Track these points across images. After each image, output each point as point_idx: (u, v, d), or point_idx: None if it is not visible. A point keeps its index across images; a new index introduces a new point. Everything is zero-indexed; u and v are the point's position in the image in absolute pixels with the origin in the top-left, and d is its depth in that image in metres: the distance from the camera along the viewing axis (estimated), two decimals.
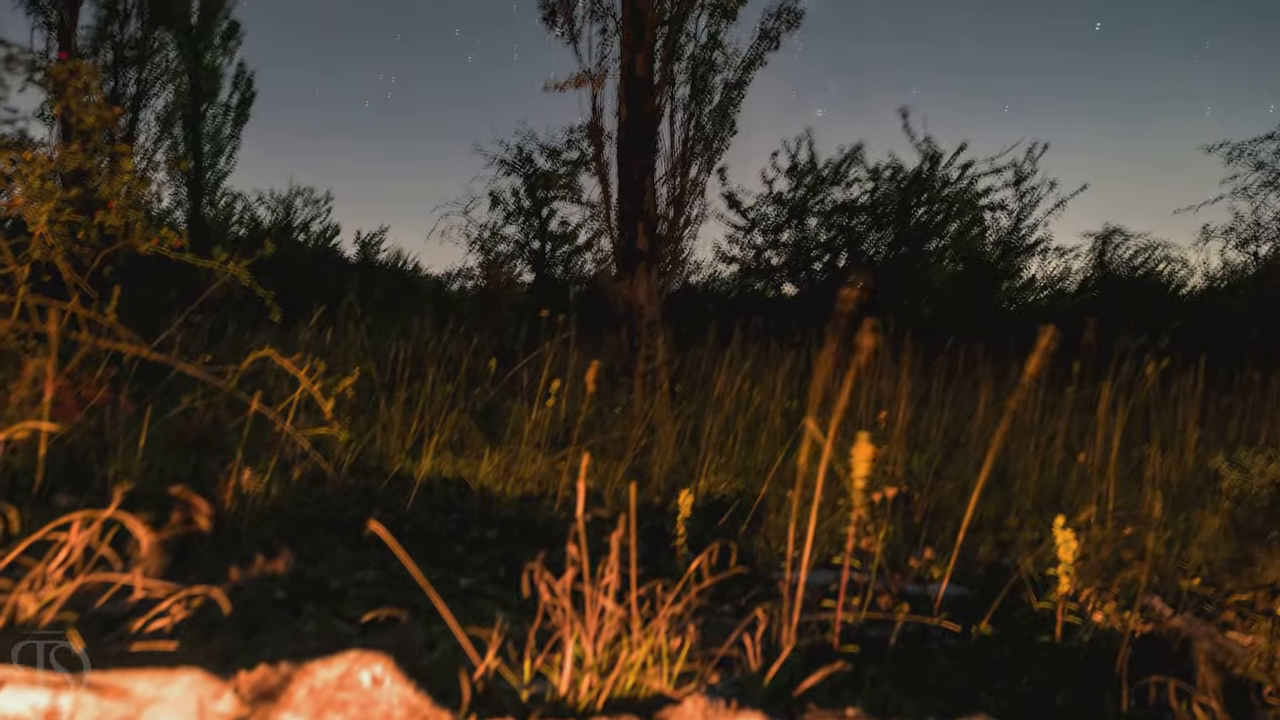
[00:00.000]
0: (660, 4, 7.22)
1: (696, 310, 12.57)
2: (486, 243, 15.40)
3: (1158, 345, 5.71)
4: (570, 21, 7.74)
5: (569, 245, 15.35)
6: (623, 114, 7.46)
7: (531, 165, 14.77)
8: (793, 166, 12.65)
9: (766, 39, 7.58)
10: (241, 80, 13.11)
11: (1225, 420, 5.51)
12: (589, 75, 7.71)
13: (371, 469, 3.99)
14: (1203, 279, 11.98)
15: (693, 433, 5.19)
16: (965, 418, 5.45)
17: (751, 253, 13.35)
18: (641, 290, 7.38)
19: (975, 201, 11.99)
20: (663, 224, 7.80)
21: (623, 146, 7.43)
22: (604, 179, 7.79)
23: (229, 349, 5.94)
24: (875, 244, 12.54)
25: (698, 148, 7.85)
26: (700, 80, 7.64)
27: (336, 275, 14.70)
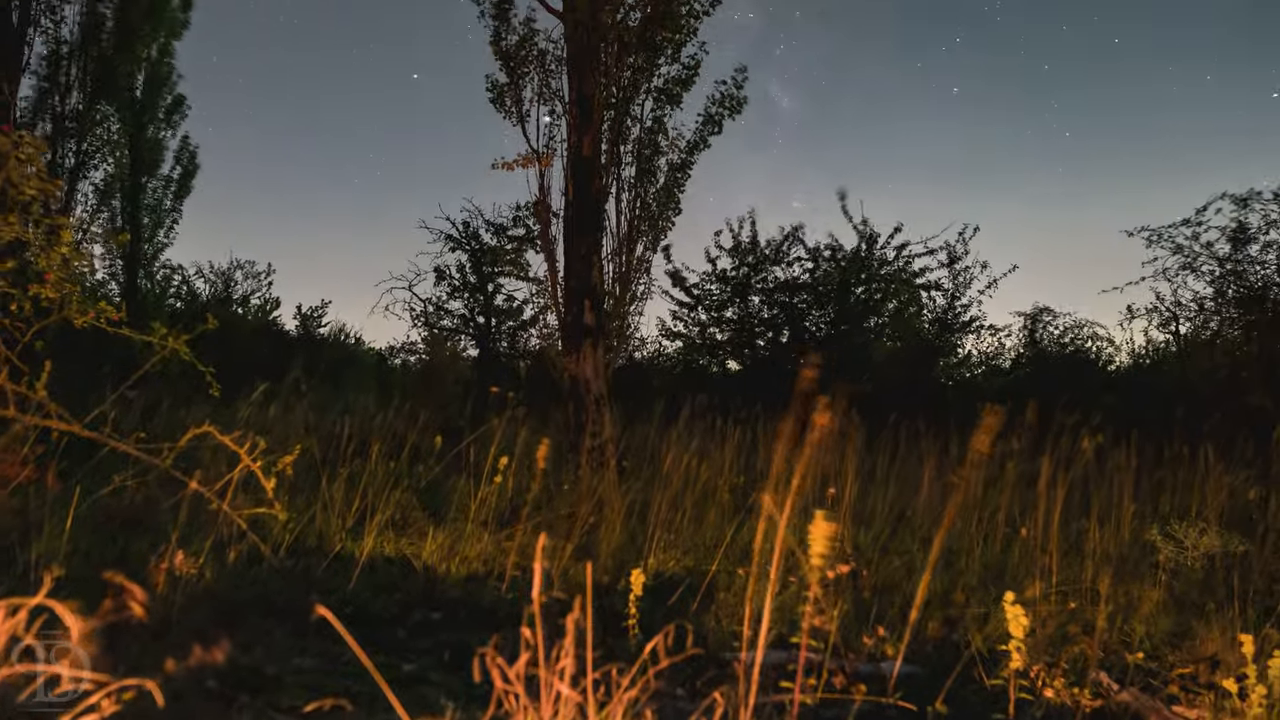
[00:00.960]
0: (607, 89, 7.42)
1: (643, 386, 12.61)
2: (431, 317, 15.32)
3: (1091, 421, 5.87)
4: (519, 104, 7.90)
5: (514, 321, 15.35)
6: (570, 193, 7.57)
7: (478, 241, 14.84)
8: (735, 245, 12.92)
9: (711, 123, 7.81)
10: (185, 153, 13.02)
11: (1158, 493, 5.66)
12: (537, 155, 7.84)
13: (311, 549, 3.87)
14: (1128, 357, 12.46)
15: (641, 509, 5.15)
16: (910, 493, 5.51)
17: (696, 329, 13.50)
18: (588, 366, 7.38)
19: (912, 281, 12.36)
20: (609, 300, 7.87)
21: (570, 225, 7.53)
22: (551, 256, 7.86)
23: (164, 425, 5.76)
24: (816, 321, 12.80)
25: (643, 226, 7.99)
26: (646, 162, 7.82)
27: (276, 349, 14.45)
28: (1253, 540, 4.55)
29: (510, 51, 7.74)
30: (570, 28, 7.27)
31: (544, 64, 7.84)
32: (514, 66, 7.79)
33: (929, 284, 12.35)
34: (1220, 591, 3.83)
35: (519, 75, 7.78)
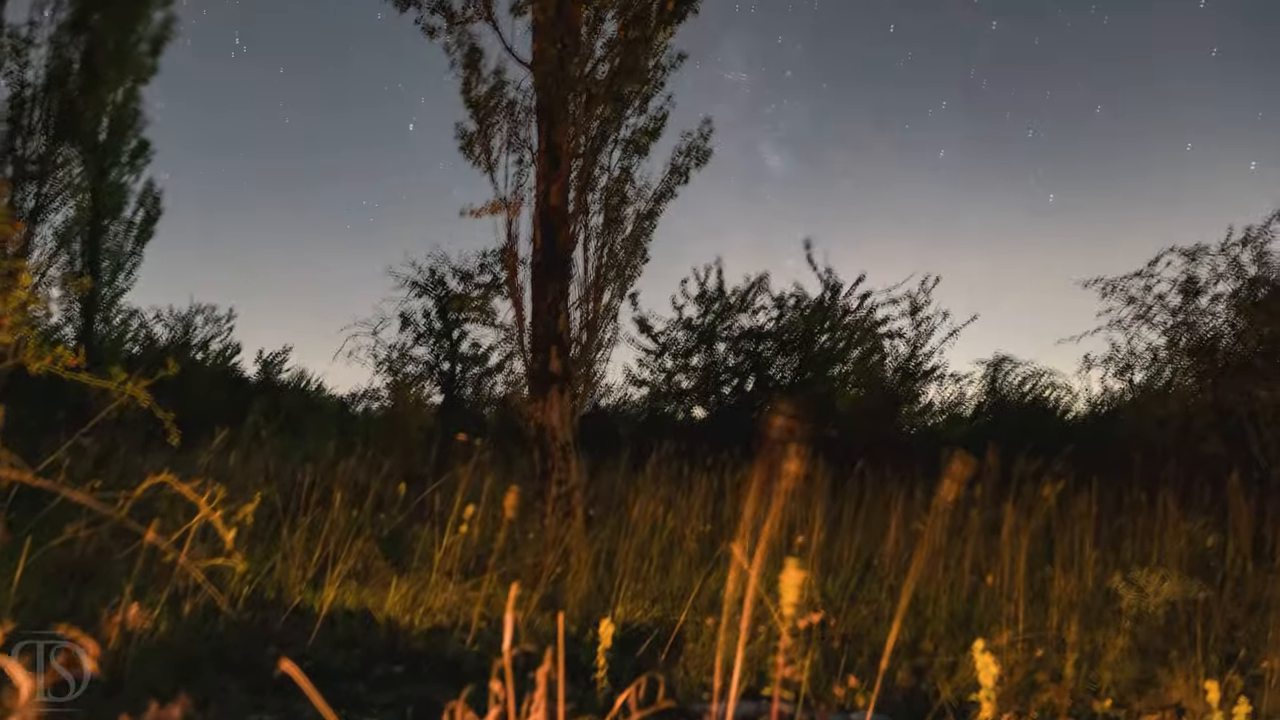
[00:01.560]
0: (575, 138, 7.50)
1: (609, 433, 12.58)
2: (395, 363, 15.21)
3: (1052, 468, 5.95)
4: (487, 151, 7.95)
5: (480, 367, 15.29)
6: (538, 241, 7.60)
7: (444, 288, 14.82)
8: (702, 293, 13.03)
9: (677, 173, 7.91)
10: (148, 197, 12.91)
11: (1119, 540, 5.73)
12: (505, 203, 7.87)
13: (270, 601, 3.77)
14: (1086, 405, 12.69)
15: (607, 558, 5.10)
16: (876, 540, 5.52)
17: (662, 376, 13.53)
18: (555, 413, 7.35)
19: (875, 330, 12.53)
20: (576, 347, 7.87)
21: (537, 272, 7.54)
22: (518, 303, 7.86)
23: (119, 474, 5.61)
24: (781, 369, 12.89)
25: (611, 274, 8.02)
26: (613, 210, 7.88)
27: (236, 395, 14.22)
28: (1212, 587, 4.61)
29: (480, 100, 7.81)
30: (539, 79, 7.36)
31: (513, 113, 7.92)
32: (483, 115, 7.86)
33: (892, 333, 12.52)
34: (1183, 638, 3.86)
35: (488, 124, 7.84)
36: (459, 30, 7.78)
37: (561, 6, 7.10)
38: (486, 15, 7.59)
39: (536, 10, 7.11)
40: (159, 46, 12.24)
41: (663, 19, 7.50)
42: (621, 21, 7.47)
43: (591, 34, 7.53)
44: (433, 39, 7.82)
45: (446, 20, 7.71)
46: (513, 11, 7.73)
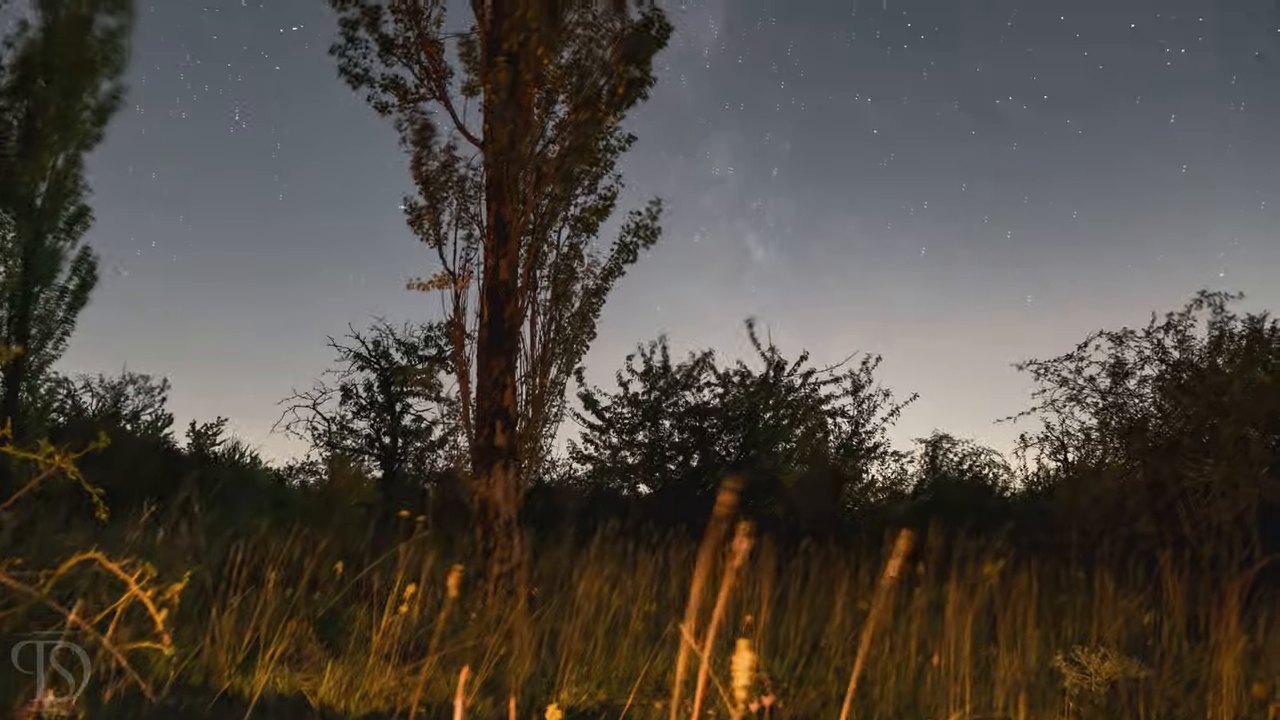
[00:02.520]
0: (524, 215, 7.59)
1: (553, 509, 12.42)
2: (334, 437, 14.90)
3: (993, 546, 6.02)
4: (437, 226, 8.00)
5: (422, 441, 15.05)
6: (485, 315, 7.61)
7: (387, 360, 14.66)
8: (647, 369, 13.10)
9: (626, 251, 8.04)
10: (84, 264, 12.61)
11: (1060, 618, 5.79)
12: (453, 277, 7.89)
13: (197, 686, 3.59)
14: (1023, 483, 12.93)
15: (551, 639, 4.99)
16: (822, 620, 5.49)
17: (607, 452, 13.47)
18: (499, 489, 7.25)
19: (818, 407, 12.69)
20: (521, 422, 7.82)
21: (484, 346, 7.53)
22: (464, 377, 7.82)
23: (39, 550, 5.35)
24: (726, 446, 12.94)
25: (558, 349, 8.05)
26: (561, 286, 7.95)
27: (167, 468, 13.75)
28: (1151, 665, 4.67)
29: (430, 176, 7.89)
30: (490, 157, 7.47)
31: (463, 189, 8.01)
32: (433, 191, 7.93)
33: (834, 411, 12.69)
34: (1125, 717, 3.89)
35: (438, 199, 7.91)
36: (411, 108, 7.90)
37: (514, 88, 7.26)
38: (439, 94, 7.72)
39: (489, 91, 7.25)
40: (105, 116, 12.15)
41: (612, 103, 7.71)
42: (572, 104, 7.66)
43: (543, 115, 7.70)
44: (385, 115, 7.91)
45: (399, 98, 7.83)
46: (465, 91, 7.90)
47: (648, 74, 7.82)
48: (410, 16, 7.64)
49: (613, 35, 7.63)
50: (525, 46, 7.18)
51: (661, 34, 7.74)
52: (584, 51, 7.65)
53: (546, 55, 7.25)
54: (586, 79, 7.67)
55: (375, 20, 7.68)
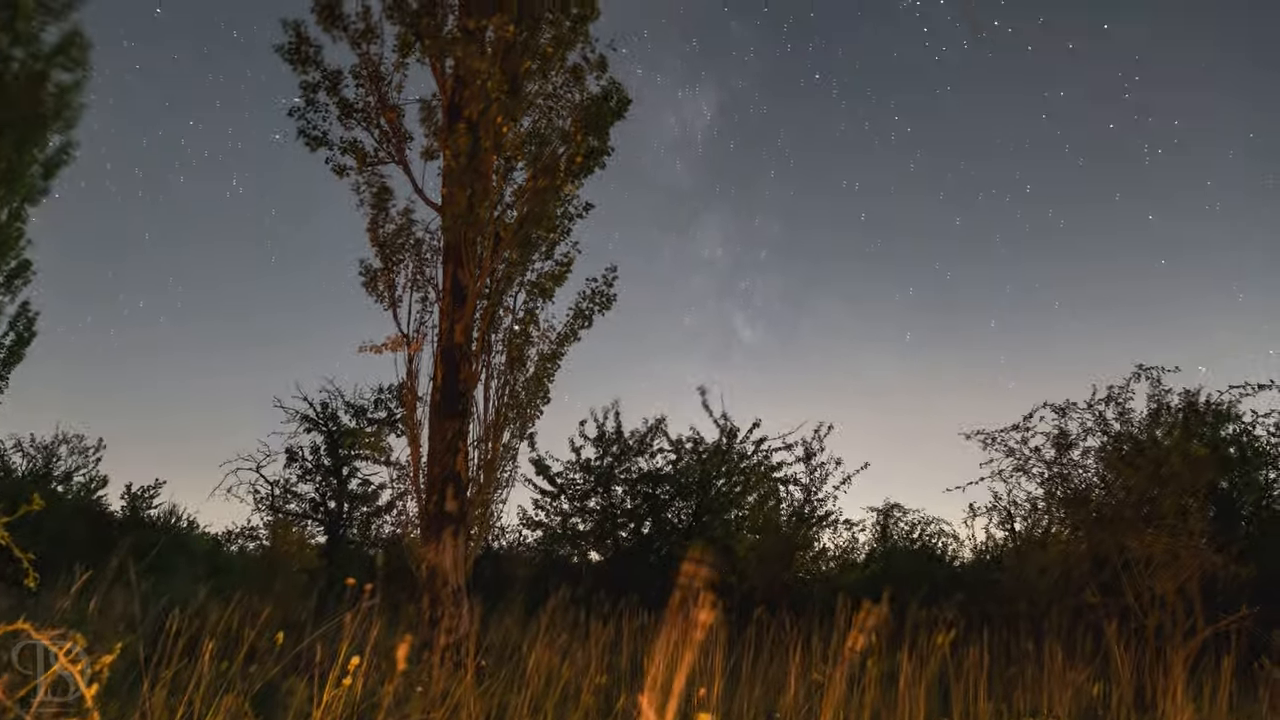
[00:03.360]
0: (481, 279, 7.60)
1: (503, 577, 12.18)
2: (277, 501, 14.51)
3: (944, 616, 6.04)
4: (391, 288, 7.95)
5: (368, 506, 14.72)
6: (438, 378, 7.54)
7: (335, 423, 14.41)
8: (600, 435, 13.05)
9: (581, 317, 8.05)
10: (22, 319, 12.26)
11: (1010, 690, 5.79)
12: (407, 340, 7.83)
13: None
14: (972, 553, 13.03)
15: (499, 713, 4.84)
16: (776, 691, 5.42)
17: (558, 519, 13.31)
18: (448, 556, 7.10)
19: (770, 474, 12.72)
20: (473, 488, 7.70)
21: (437, 410, 7.45)
22: (415, 441, 7.70)
23: None
24: (679, 513, 12.88)
25: (511, 414, 7.98)
26: (516, 351, 7.92)
27: (99, 532, 13.24)
28: None
29: (387, 239, 7.87)
30: (448, 221, 7.50)
31: (419, 252, 8.00)
32: (389, 253, 7.91)
33: (787, 478, 12.73)
34: None
35: (394, 262, 7.89)
36: (369, 171, 7.93)
37: (474, 154, 7.33)
38: (399, 159, 7.77)
39: (449, 156, 7.31)
40: (53, 170, 11.96)
41: (571, 171, 7.81)
42: (531, 171, 7.75)
43: (501, 181, 7.77)
44: (342, 178, 7.92)
45: (358, 161, 7.85)
46: (424, 156, 7.94)
47: (606, 144, 7.96)
48: (371, 82, 7.72)
49: (572, 106, 7.77)
50: (486, 115, 7.28)
51: (620, 106, 7.91)
52: (544, 120, 7.78)
53: (507, 124, 7.36)
54: (545, 147, 7.78)
55: (336, 84, 7.74)
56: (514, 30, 7.28)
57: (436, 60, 7.69)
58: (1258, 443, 10.23)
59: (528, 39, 7.42)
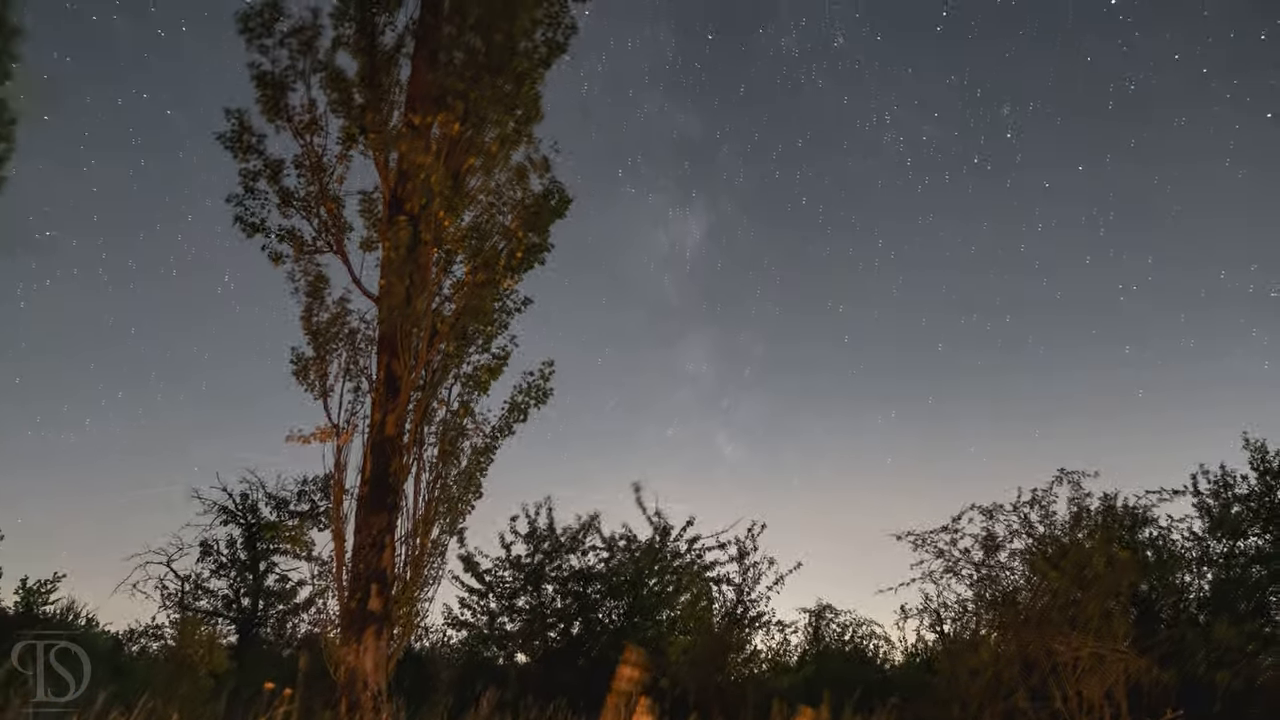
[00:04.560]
0: (416, 370, 7.52)
1: (425, 680, 11.67)
2: (187, 597, 13.76)
3: None
4: (323, 377, 7.81)
5: (285, 604, 14.07)
6: (367, 471, 7.36)
7: (255, 515, 13.86)
8: (531, 532, 12.79)
9: (517, 411, 8.00)
10: None
11: None
12: (336, 430, 7.66)
13: None
14: (903, 655, 12.97)
15: None
16: None
17: (485, 618, 12.89)
18: (369, 657, 6.81)
19: (703, 574, 12.57)
20: (399, 585, 7.44)
21: (365, 503, 7.24)
22: (340, 535, 7.45)
23: None
24: (610, 612, 12.59)
25: (442, 509, 7.80)
26: (450, 444, 7.80)
27: None
28: None
29: (320, 328, 7.77)
30: (385, 312, 7.46)
31: (354, 342, 7.90)
32: (323, 342, 7.80)
33: (719, 578, 12.60)
34: None
35: (327, 351, 7.77)
36: (306, 260, 7.88)
37: (414, 247, 7.36)
38: (337, 248, 7.75)
39: (388, 248, 7.32)
40: None
41: (510, 266, 7.89)
42: (471, 265, 7.79)
43: (440, 274, 7.79)
44: (278, 265, 7.85)
45: (295, 249, 7.81)
46: (364, 246, 7.93)
47: (546, 241, 8.08)
48: (313, 172, 7.75)
49: (514, 203, 7.89)
50: (427, 209, 7.35)
51: (561, 205, 8.06)
52: (485, 216, 7.87)
53: (448, 218, 7.43)
54: (486, 242, 7.86)
55: (277, 173, 7.74)
56: (459, 128, 7.43)
57: (380, 154, 7.76)
58: (1174, 547, 10.53)
59: (473, 136, 7.56)
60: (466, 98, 7.40)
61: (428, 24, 7.90)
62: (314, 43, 7.78)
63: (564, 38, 8.14)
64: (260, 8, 7.67)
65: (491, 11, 7.56)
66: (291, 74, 7.72)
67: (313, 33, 7.78)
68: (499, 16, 7.53)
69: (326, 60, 7.79)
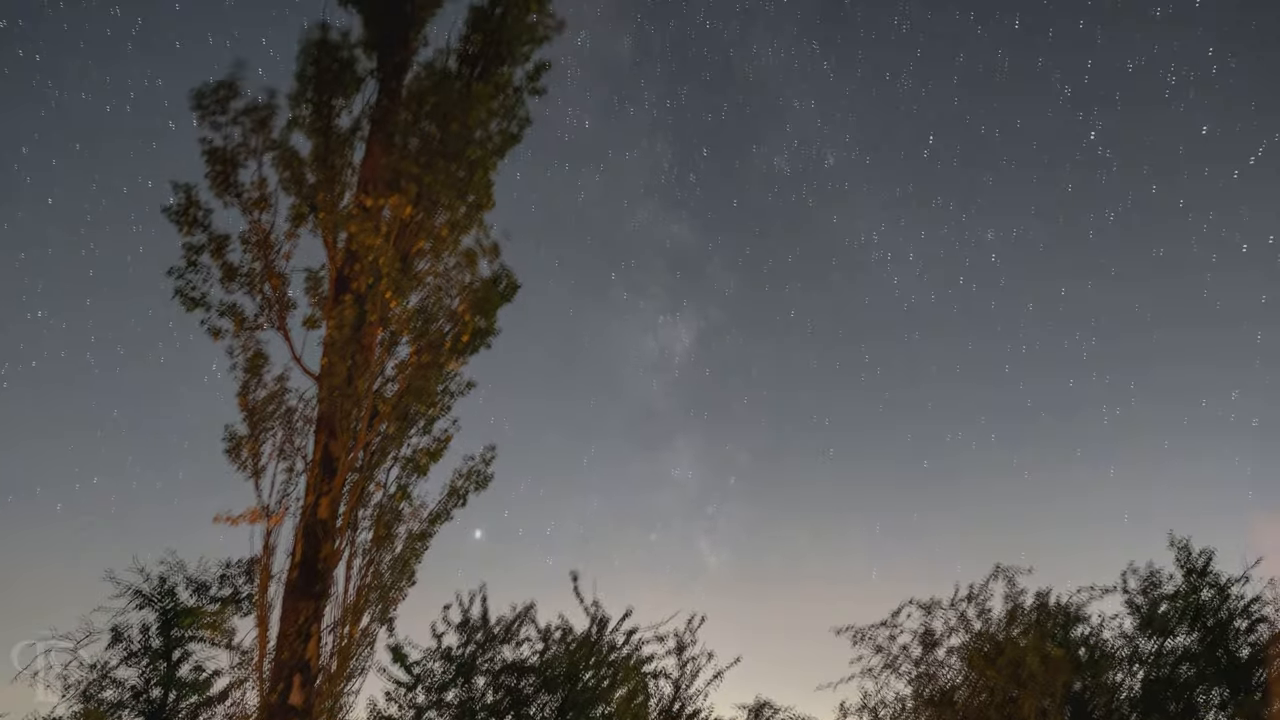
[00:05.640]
0: (354, 452, 7.37)
1: None
2: (92, 687, 12.93)
3: None
4: (256, 456, 7.59)
5: (199, 695, 13.30)
6: (298, 555, 7.11)
7: (173, 599, 13.20)
8: (464, 621, 12.40)
9: (455, 496, 7.85)
10: None
11: None
12: (267, 512, 7.41)
13: None
14: None
15: None
16: None
17: (412, 713, 12.34)
18: None
19: (640, 667, 12.27)
20: (322, 677, 7.12)
21: (292, 589, 6.98)
22: (264, 622, 7.13)
23: None
24: (543, 707, 12.17)
25: (373, 596, 7.55)
26: (385, 528, 7.60)
27: None
28: None
29: (257, 406, 7.60)
30: (325, 391, 7.33)
31: (290, 421, 7.72)
32: (258, 420, 7.61)
33: (657, 672, 12.32)
34: None
35: (262, 429, 7.58)
36: (246, 335, 7.75)
37: (359, 326, 7.30)
38: (279, 325, 7.65)
39: (333, 327, 7.25)
40: None
41: (456, 349, 7.86)
42: (416, 347, 7.74)
43: (384, 354, 7.72)
44: (217, 340, 7.70)
45: (235, 325, 7.69)
46: (307, 325, 7.83)
47: (492, 325, 8.09)
48: (260, 248, 7.69)
49: (462, 286, 7.91)
50: (375, 289, 7.32)
51: (509, 290, 8.11)
52: (433, 298, 7.86)
53: (395, 299, 7.40)
54: (432, 324, 7.83)
55: (222, 248, 7.67)
56: (411, 211, 7.48)
57: (330, 233, 7.75)
58: (1105, 645, 10.65)
59: (424, 220, 7.61)
60: (420, 181, 7.47)
61: (385, 108, 8.02)
62: (269, 121, 7.83)
63: (518, 129, 8.34)
64: (215, 86, 7.72)
65: (448, 100, 7.72)
66: (244, 151, 7.73)
67: (268, 112, 7.84)
68: (456, 106, 7.68)
69: (280, 139, 7.83)
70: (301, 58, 7.97)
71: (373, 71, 8.21)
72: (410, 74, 8.25)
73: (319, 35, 7.99)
